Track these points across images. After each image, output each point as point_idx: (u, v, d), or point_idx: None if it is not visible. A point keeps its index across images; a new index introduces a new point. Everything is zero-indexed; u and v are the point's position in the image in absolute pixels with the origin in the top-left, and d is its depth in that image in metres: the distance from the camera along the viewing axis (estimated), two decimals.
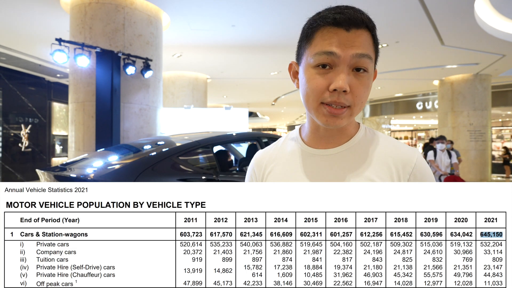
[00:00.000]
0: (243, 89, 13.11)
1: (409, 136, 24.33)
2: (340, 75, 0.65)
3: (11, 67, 9.68)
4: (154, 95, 5.31)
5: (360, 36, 0.66)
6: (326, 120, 0.69)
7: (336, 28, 0.66)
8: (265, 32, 6.58)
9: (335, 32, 0.66)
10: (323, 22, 0.67)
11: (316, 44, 0.68)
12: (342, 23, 0.65)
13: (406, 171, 0.72)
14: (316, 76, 0.68)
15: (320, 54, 0.67)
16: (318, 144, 0.79)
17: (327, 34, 0.67)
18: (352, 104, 0.68)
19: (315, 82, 0.68)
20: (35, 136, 10.78)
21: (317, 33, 0.68)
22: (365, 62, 0.67)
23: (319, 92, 0.68)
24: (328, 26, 0.67)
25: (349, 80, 0.66)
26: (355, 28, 0.66)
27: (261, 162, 0.87)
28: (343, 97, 0.67)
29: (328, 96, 0.67)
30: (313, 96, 0.69)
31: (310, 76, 0.69)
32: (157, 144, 2.86)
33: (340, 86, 0.65)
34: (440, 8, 5.41)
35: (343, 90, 0.65)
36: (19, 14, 5.79)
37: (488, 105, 10.44)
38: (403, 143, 0.78)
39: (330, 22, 0.66)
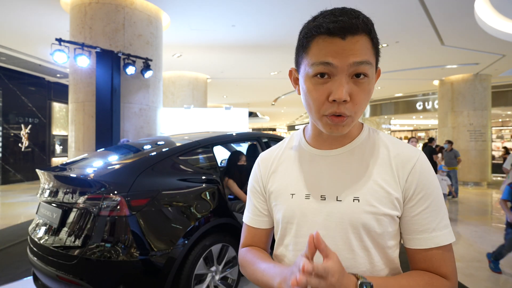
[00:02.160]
0: (243, 89, 13.11)
1: (409, 136, 24.33)
2: (338, 86, 0.64)
3: (11, 67, 9.68)
4: (154, 95, 5.31)
5: (357, 43, 0.64)
6: (330, 129, 0.69)
7: (331, 38, 0.64)
8: (265, 32, 6.57)
9: (330, 42, 0.64)
10: (318, 32, 0.65)
11: (312, 54, 0.67)
12: (337, 32, 0.63)
13: (406, 170, 0.71)
14: (315, 87, 0.68)
15: (317, 64, 0.66)
16: (322, 145, 0.79)
17: (322, 44, 0.65)
18: (353, 112, 0.68)
19: (314, 93, 0.68)
20: (35, 136, 10.77)
21: (312, 43, 0.67)
22: (364, 68, 0.65)
23: (320, 104, 0.68)
24: (323, 35, 0.65)
25: (349, 89, 0.65)
26: (351, 35, 0.64)
27: (266, 161, 0.87)
28: (343, 106, 0.66)
29: (329, 107, 0.67)
30: (315, 108, 0.69)
31: (309, 87, 0.69)
32: (157, 144, 2.85)
33: (339, 97, 0.64)
34: (440, 8, 5.41)
35: (343, 100, 0.65)
36: (19, 14, 5.79)
37: (488, 105, 10.43)
38: (406, 144, 0.78)
39: (325, 31, 0.64)
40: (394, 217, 0.71)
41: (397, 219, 0.72)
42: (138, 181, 2.13)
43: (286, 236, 0.79)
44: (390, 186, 0.71)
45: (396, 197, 0.70)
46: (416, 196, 0.70)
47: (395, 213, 0.70)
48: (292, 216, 0.76)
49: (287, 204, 0.77)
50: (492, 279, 3.23)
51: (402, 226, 0.73)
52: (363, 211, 0.70)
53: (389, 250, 0.72)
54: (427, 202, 0.70)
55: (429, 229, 0.69)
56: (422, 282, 0.67)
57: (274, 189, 0.82)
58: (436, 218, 0.70)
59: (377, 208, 0.69)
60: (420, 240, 0.70)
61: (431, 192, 0.71)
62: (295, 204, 0.76)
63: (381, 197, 0.70)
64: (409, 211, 0.71)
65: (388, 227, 0.71)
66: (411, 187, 0.70)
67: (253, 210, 0.88)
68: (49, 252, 2.06)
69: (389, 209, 0.70)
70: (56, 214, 2.15)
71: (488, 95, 10.44)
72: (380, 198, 0.70)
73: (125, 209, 1.98)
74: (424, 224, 0.70)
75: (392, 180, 0.71)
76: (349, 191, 0.72)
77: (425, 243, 0.69)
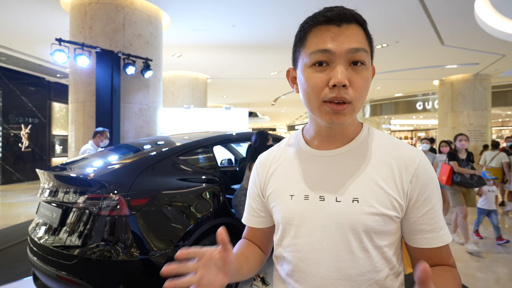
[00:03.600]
0: (243, 89, 13.11)
1: (409, 136, 24.34)
2: (338, 70, 0.65)
3: (11, 67, 9.68)
4: (154, 95, 5.31)
5: (352, 30, 0.67)
6: (330, 118, 0.68)
7: (328, 25, 0.67)
8: (265, 32, 6.58)
9: (326, 29, 0.67)
10: (314, 22, 0.68)
11: (310, 44, 0.68)
12: (333, 19, 0.66)
13: (409, 172, 0.71)
14: (314, 74, 0.68)
15: (315, 52, 0.67)
16: (321, 145, 0.78)
17: (319, 32, 0.67)
18: (354, 99, 0.67)
19: (313, 80, 0.68)
20: (35, 136, 10.77)
21: (309, 33, 0.69)
22: (361, 56, 0.66)
23: (319, 90, 0.67)
24: (319, 25, 0.67)
25: (348, 75, 0.66)
26: (346, 23, 0.66)
27: (264, 163, 0.87)
28: (344, 91, 0.65)
29: (329, 93, 0.66)
30: (314, 94, 0.68)
31: (308, 76, 0.69)
32: (157, 144, 2.85)
33: (339, 81, 0.64)
34: (440, 8, 5.41)
35: (343, 85, 0.65)
36: (19, 14, 5.79)
37: (488, 105, 10.44)
38: (406, 144, 0.77)
39: (321, 20, 0.67)
40: (393, 218, 0.71)
41: (396, 219, 0.71)
42: (138, 181, 2.13)
43: (285, 237, 0.78)
44: (390, 186, 0.71)
45: (395, 198, 0.70)
46: (422, 196, 0.71)
47: (394, 213, 0.70)
48: (291, 217, 0.76)
49: (286, 205, 0.77)
50: (492, 279, 3.23)
51: (408, 226, 0.73)
52: (363, 212, 0.69)
53: (388, 250, 0.72)
54: (432, 201, 0.71)
55: (437, 228, 0.71)
56: (448, 275, 0.71)
57: (273, 190, 0.82)
58: (441, 217, 0.72)
59: (377, 209, 0.69)
60: (429, 239, 0.72)
61: (434, 192, 0.72)
62: (294, 205, 0.76)
63: (380, 198, 0.70)
64: (415, 212, 0.71)
65: (387, 228, 0.71)
66: (415, 188, 0.70)
67: (250, 210, 0.90)
68: (49, 251, 2.06)
69: (388, 209, 0.70)
70: (56, 213, 2.15)
71: (488, 95, 10.44)
72: (379, 199, 0.70)
73: (125, 208, 1.98)
74: (431, 223, 0.71)
75: (392, 180, 0.71)
76: (348, 191, 0.71)
77: (435, 241, 0.72)
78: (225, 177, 3.50)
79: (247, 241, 0.90)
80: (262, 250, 0.90)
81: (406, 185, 0.71)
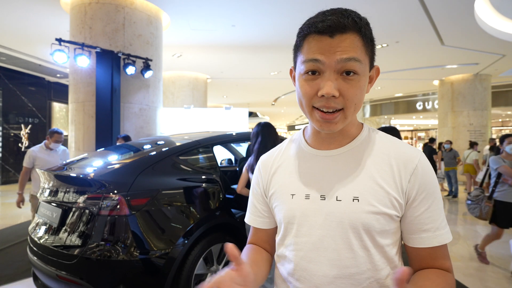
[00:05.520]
0: (243, 89, 13.11)
1: (409, 136, 24.35)
2: (327, 82, 0.67)
3: (11, 67, 9.68)
4: (154, 95, 5.31)
5: (345, 40, 0.66)
6: (320, 125, 0.71)
7: (320, 36, 0.67)
8: (265, 32, 6.58)
9: (319, 40, 0.68)
10: (309, 31, 0.69)
11: (304, 52, 0.70)
12: (325, 31, 0.67)
13: (408, 171, 0.72)
14: (305, 82, 0.70)
15: (307, 61, 0.69)
16: (321, 145, 0.80)
17: (312, 42, 0.69)
18: (345, 106, 0.69)
19: (304, 89, 0.70)
20: (35, 136, 10.77)
21: (304, 41, 0.71)
22: (352, 65, 0.67)
23: (309, 97, 0.70)
24: (313, 34, 0.68)
25: (338, 85, 0.67)
26: (339, 33, 0.66)
27: (266, 164, 0.88)
28: (333, 101, 0.68)
29: (318, 101, 0.69)
30: (305, 101, 0.71)
31: (300, 83, 0.72)
32: (157, 143, 2.86)
33: (327, 92, 0.66)
34: (440, 8, 5.41)
35: (332, 95, 0.67)
36: (19, 14, 5.79)
37: (488, 105, 10.44)
38: (406, 144, 0.78)
39: (314, 30, 0.68)
40: (393, 217, 0.71)
41: (396, 218, 0.72)
42: (138, 181, 2.13)
43: (287, 236, 0.79)
44: (389, 185, 0.71)
45: (395, 197, 0.71)
46: (419, 196, 0.71)
47: (394, 212, 0.71)
48: (292, 216, 0.77)
49: (288, 204, 0.78)
50: (492, 279, 3.23)
51: (405, 225, 0.74)
52: (363, 211, 0.70)
53: (389, 249, 0.73)
54: (429, 201, 0.71)
55: (433, 228, 0.71)
56: (440, 280, 0.70)
57: (275, 190, 0.83)
58: (439, 217, 0.72)
59: (377, 208, 0.70)
60: (424, 239, 0.71)
61: (432, 191, 0.72)
62: (295, 205, 0.77)
63: (380, 197, 0.71)
64: (413, 211, 0.72)
65: (388, 227, 0.71)
66: (414, 187, 0.71)
67: (254, 211, 0.90)
68: (49, 251, 2.06)
69: (388, 208, 0.70)
70: (56, 213, 2.15)
71: (488, 95, 10.44)
72: (379, 198, 0.70)
73: (125, 208, 1.98)
74: (427, 223, 0.71)
75: (392, 180, 0.72)
76: (348, 190, 0.72)
77: (430, 241, 0.71)
78: (225, 177, 3.50)
79: (253, 246, 0.90)
80: (268, 252, 0.91)
81: (405, 184, 0.71)
